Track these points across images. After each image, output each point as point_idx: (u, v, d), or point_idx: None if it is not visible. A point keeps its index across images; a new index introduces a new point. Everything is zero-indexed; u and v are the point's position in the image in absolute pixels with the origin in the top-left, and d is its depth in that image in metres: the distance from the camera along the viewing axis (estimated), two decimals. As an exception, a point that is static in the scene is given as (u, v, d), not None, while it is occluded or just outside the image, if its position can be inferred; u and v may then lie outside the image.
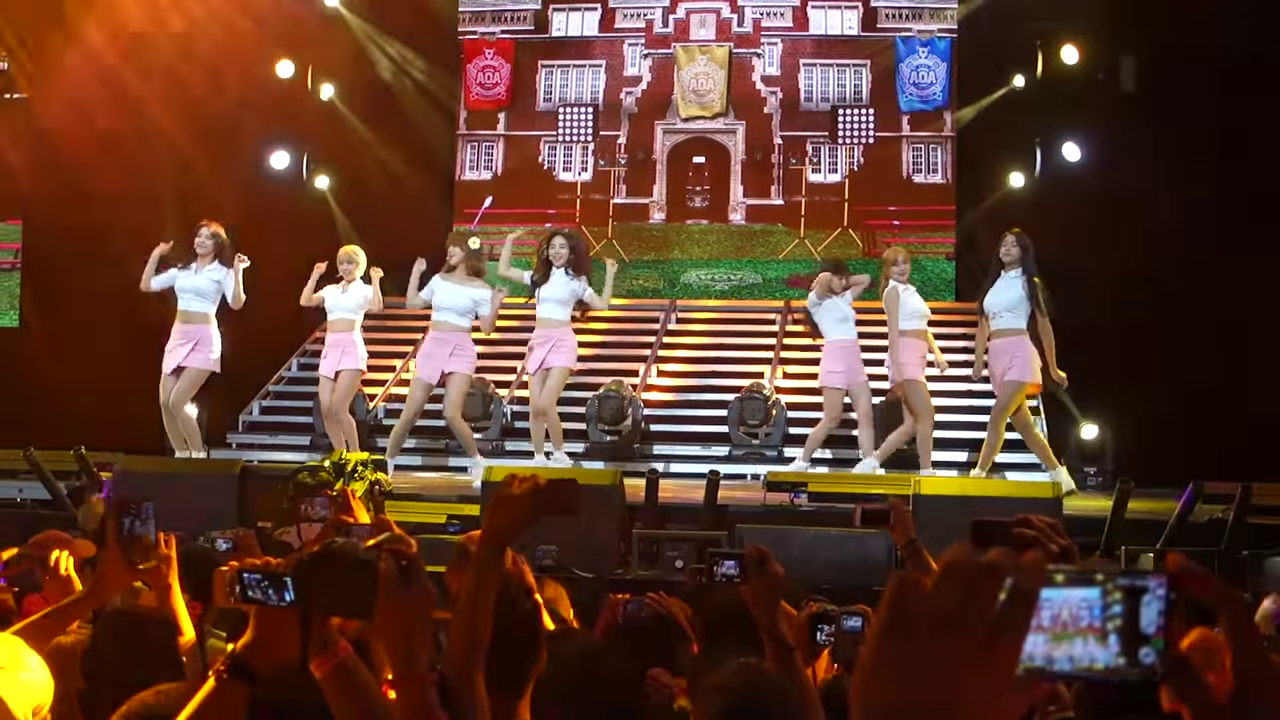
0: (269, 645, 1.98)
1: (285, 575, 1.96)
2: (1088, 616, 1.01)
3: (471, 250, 10.40)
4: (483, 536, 2.63)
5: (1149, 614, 1.01)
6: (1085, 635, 1.01)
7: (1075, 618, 1.01)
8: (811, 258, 16.73)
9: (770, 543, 6.99)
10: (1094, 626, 1.01)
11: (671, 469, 11.20)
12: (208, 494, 8.07)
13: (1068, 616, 1.01)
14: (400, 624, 1.96)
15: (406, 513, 8.25)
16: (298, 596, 1.94)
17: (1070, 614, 1.01)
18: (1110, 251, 13.21)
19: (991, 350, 9.79)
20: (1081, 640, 1.01)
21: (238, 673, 1.95)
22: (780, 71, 17.08)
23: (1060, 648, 1.01)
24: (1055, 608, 1.01)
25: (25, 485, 9.19)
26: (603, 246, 17.04)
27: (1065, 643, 1.01)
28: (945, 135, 16.66)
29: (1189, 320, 12.95)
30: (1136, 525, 7.74)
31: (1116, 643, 1.01)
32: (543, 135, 17.28)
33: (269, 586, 1.96)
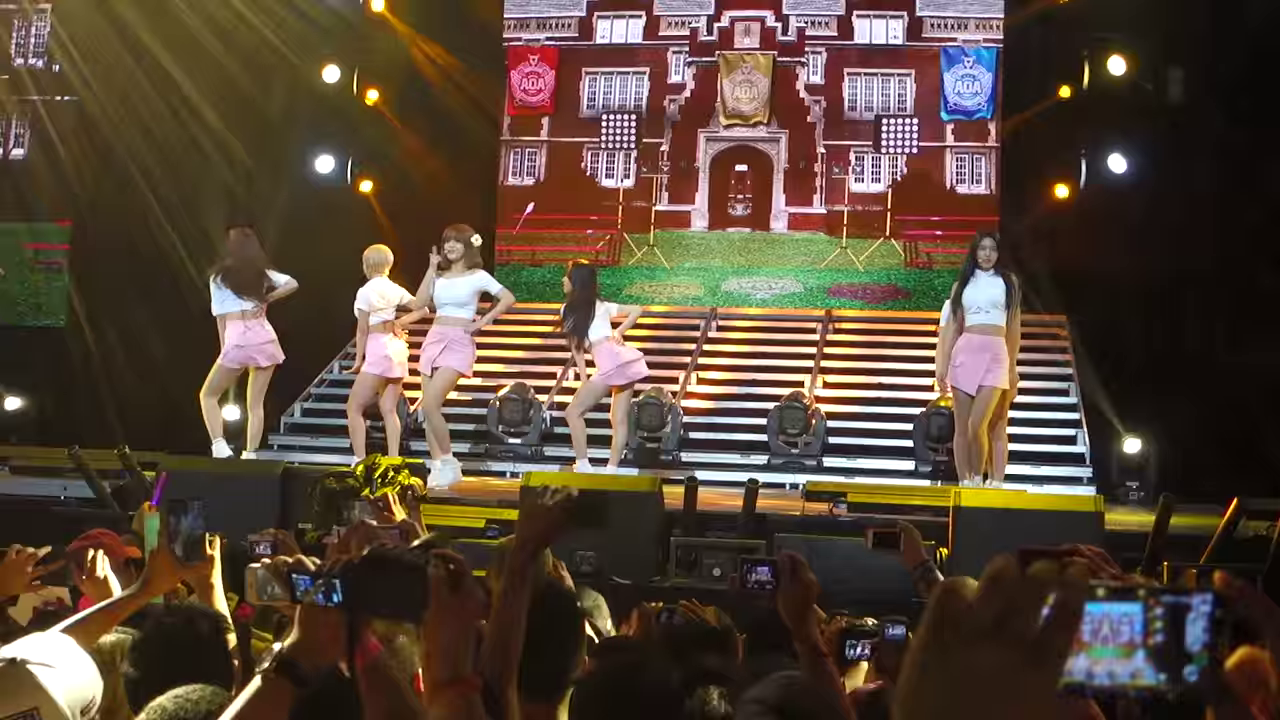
0: (315, 645, 2.00)
1: (335, 577, 1.98)
2: (1128, 632, 1.00)
3: (474, 246, 10.34)
4: (514, 546, 2.66)
5: (1194, 631, 1.01)
6: (1126, 650, 1.00)
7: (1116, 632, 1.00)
8: (853, 267, 16.70)
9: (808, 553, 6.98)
10: (1134, 642, 1.00)
11: (710, 477, 11.17)
12: (250, 495, 8.13)
13: (1108, 631, 1.00)
14: (447, 628, 1.98)
15: (444, 516, 8.28)
16: (345, 598, 1.97)
17: (1111, 628, 1.00)
18: (1155, 264, 13.12)
19: (967, 345, 9.44)
20: (1122, 656, 1.00)
21: (285, 672, 1.97)
22: (824, 80, 17.05)
23: (1100, 663, 1.00)
24: (1095, 622, 1.00)
25: (70, 483, 9.28)
26: (643, 253, 17.07)
27: (1105, 658, 1.00)
28: (989, 146, 16.58)
29: (1235, 333, 12.84)
30: (1179, 541, 7.66)
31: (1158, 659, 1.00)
32: (585, 142, 17.32)
33: (319, 588, 1.99)
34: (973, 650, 0.97)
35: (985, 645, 0.97)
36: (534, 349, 15.26)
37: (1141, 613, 1.01)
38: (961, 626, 0.98)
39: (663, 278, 17.02)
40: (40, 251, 16.13)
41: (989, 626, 0.97)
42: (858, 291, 16.65)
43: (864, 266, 16.70)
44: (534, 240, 17.37)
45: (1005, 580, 0.98)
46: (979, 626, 0.97)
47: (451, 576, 1.97)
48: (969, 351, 9.34)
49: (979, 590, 0.99)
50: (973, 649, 0.97)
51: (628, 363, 10.51)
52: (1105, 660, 1.00)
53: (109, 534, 4.59)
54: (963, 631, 0.98)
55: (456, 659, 1.99)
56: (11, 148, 16.37)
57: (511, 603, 2.58)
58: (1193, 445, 9.84)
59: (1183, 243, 13.14)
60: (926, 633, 0.99)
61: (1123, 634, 1.00)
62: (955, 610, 0.99)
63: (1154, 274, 13.05)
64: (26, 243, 16.15)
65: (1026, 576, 0.98)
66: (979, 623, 0.97)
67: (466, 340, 10.13)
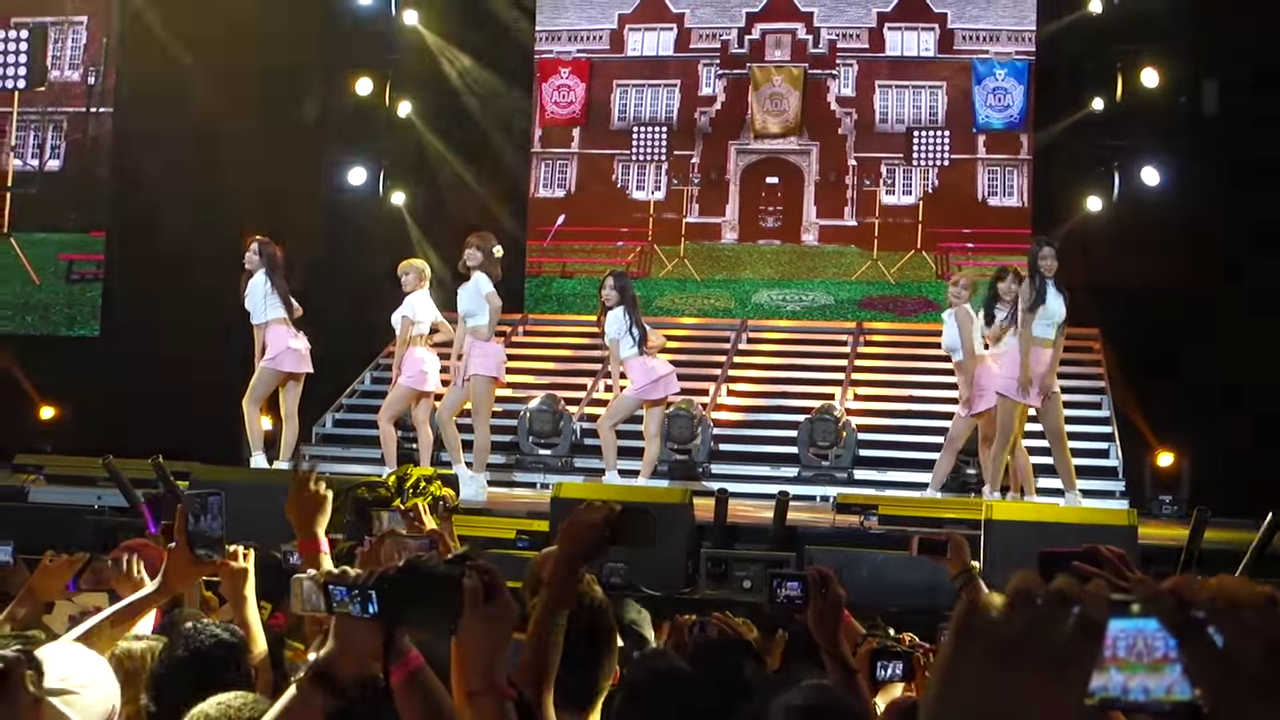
0: (350, 655, 2.01)
1: (370, 588, 1.99)
2: (1162, 647, 1.00)
3: (495, 256, 10.34)
4: (556, 560, 2.65)
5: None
6: (1160, 665, 1.00)
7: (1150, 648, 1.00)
8: (884, 279, 16.67)
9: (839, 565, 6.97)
10: (1169, 657, 1.00)
11: (741, 489, 11.15)
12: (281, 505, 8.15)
13: (1142, 647, 1.00)
14: (482, 639, 1.98)
15: (475, 527, 8.30)
16: (381, 609, 1.98)
17: (1145, 644, 1.00)
18: (1188, 276, 13.04)
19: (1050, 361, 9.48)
20: (1156, 671, 1.00)
21: (319, 682, 1.98)
22: (855, 92, 17.04)
23: (1135, 678, 1.00)
24: (1129, 638, 1.00)
25: (104, 492, 9.34)
26: (674, 265, 17.08)
27: (1140, 673, 1.00)
28: (1022, 158, 16.53)
29: (1269, 347, 12.74)
30: (1213, 556, 7.61)
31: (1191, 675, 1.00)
32: (616, 154, 17.36)
33: (355, 598, 1.99)
34: (997, 666, 0.97)
35: (1009, 661, 0.97)
36: (564, 360, 15.29)
37: None
38: (986, 642, 0.98)
39: (693, 290, 17.03)
40: (75, 262, 16.26)
41: (1013, 642, 0.97)
42: (889, 304, 16.61)
43: (895, 279, 16.67)
44: (564, 252, 17.42)
45: (1028, 595, 0.98)
46: (1003, 642, 0.97)
47: (486, 587, 1.98)
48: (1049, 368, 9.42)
49: (1003, 605, 0.99)
50: (997, 664, 0.97)
51: (661, 377, 10.56)
52: (1139, 675, 1.00)
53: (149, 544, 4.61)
54: (987, 647, 0.98)
55: (490, 669, 1.99)
56: (47, 159, 16.51)
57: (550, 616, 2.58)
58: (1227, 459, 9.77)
59: (1216, 255, 13.06)
60: (951, 648, 0.99)
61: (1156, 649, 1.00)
62: (979, 625, 0.99)
63: (1187, 287, 12.97)
64: (62, 253, 16.28)
65: (1049, 591, 0.98)
66: (1003, 638, 0.97)
67: (483, 346, 10.16)
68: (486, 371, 10.16)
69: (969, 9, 16.75)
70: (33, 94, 16.18)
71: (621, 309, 10.54)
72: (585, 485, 10.28)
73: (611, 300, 10.58)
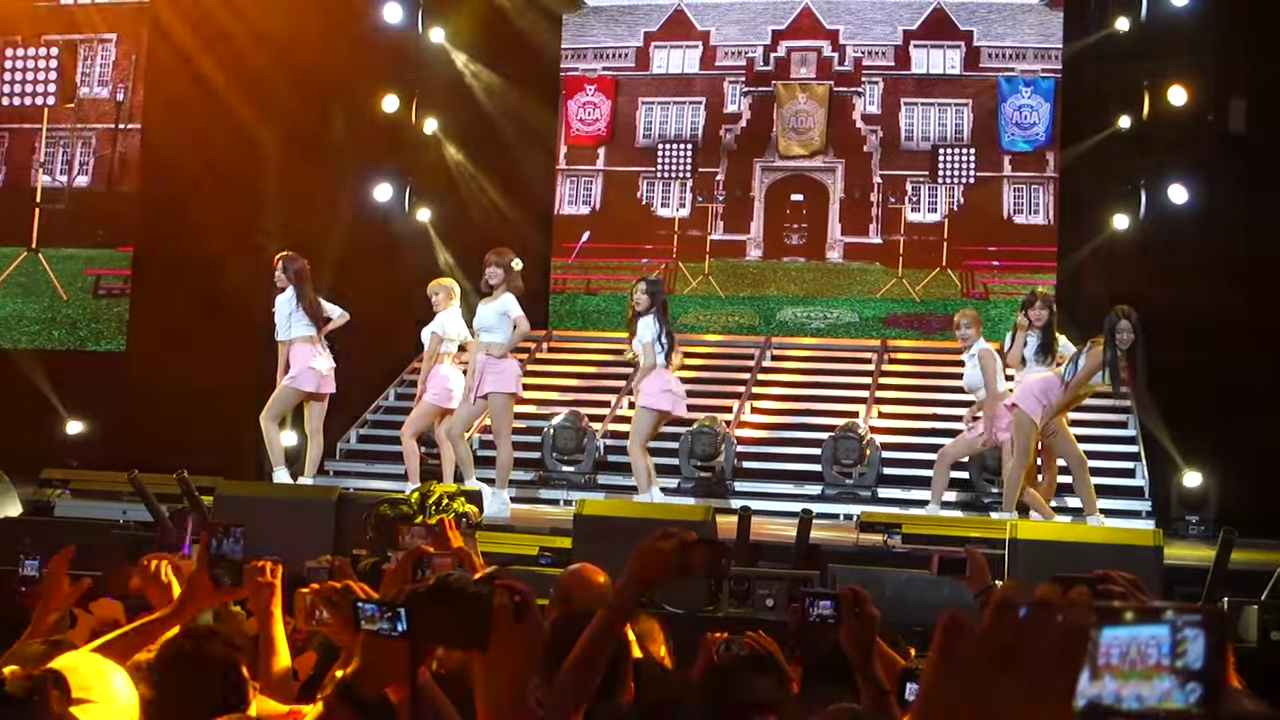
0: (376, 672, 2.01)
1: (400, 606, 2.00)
2: (1156, 654, 1.00)
3: (515, 270, 10.36)
4: (622, 583, 2.63)
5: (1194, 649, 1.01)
6: (1153, 673, 1.00)
7: (1143, 656, 1.00)
8: (909, 297, 16.64)
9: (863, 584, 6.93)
10: (1162, 665, 1.00)
11: (764, 507, 11.13)
12: (305, 521, 8.18)
13: (1135, 655, 1.00)
14: (511, 657, 1.98)
15: (498, 544, 8.29)
16: (410, 628, 1.99)
17: (1138, 652, 1.00)
18: (1215, 296, 12.96)
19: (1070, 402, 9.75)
20: (1149, 679, 1.00)
21: (346, 698, 1.98)
22: (881, 110, 17.03)
23: (1129, 686, 1.00)
24: (1123, 645, 1.00)
25: (129, 507, 9.37)
26: (698, 283, 17.09)
27: (1133, 681, 1.00)
28: (1048, 176, 16.49)
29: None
30: (1240, 576, 7.55)
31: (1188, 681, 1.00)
32: (641, 171, 17.38)
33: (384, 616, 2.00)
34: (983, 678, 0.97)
35: (995, 673, 0.97)
36: (588, 377, 15.30)
37: (1169, 635, 1.00)
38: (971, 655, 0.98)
39: (717, 307, 17.03)
40: (102, 277, 16.37)
41: (998, 654, 0.97)
42: (913, 322, 16.57)
43: (920, 297, 16.63)
44: (589, 269, 17.44)
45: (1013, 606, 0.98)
46: (988, 654, 0.97)
47: (516, 606, 1.98)
48: None
49: (987, 618, 0.99)
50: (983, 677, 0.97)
51: (676, 395, 10.38)
52: (1133, 683, 1.00)
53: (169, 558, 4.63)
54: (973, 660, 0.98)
55: (522, 690, 1.99)
56: (76, 175, 16.63)
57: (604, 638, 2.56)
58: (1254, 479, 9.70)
59: (1243, 274, 12.99)
60: (937, 662, 0.99)
61: (1150, 657, 1.00)
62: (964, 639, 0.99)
63: (1214, 305, 12.89)
64: (89, 268, 16.39)
65: (1033, 601, 0.98)
66: (988, 651, 0.98)
67: (497, 363, 10.16)
68: (504, 389, 10.16)
69: (995, 27, 16.73)
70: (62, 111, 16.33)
71: (652, 316, 10.31)
72: (609, 502, 10.27)
73: (642, 305, 10.33)
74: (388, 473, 12.56)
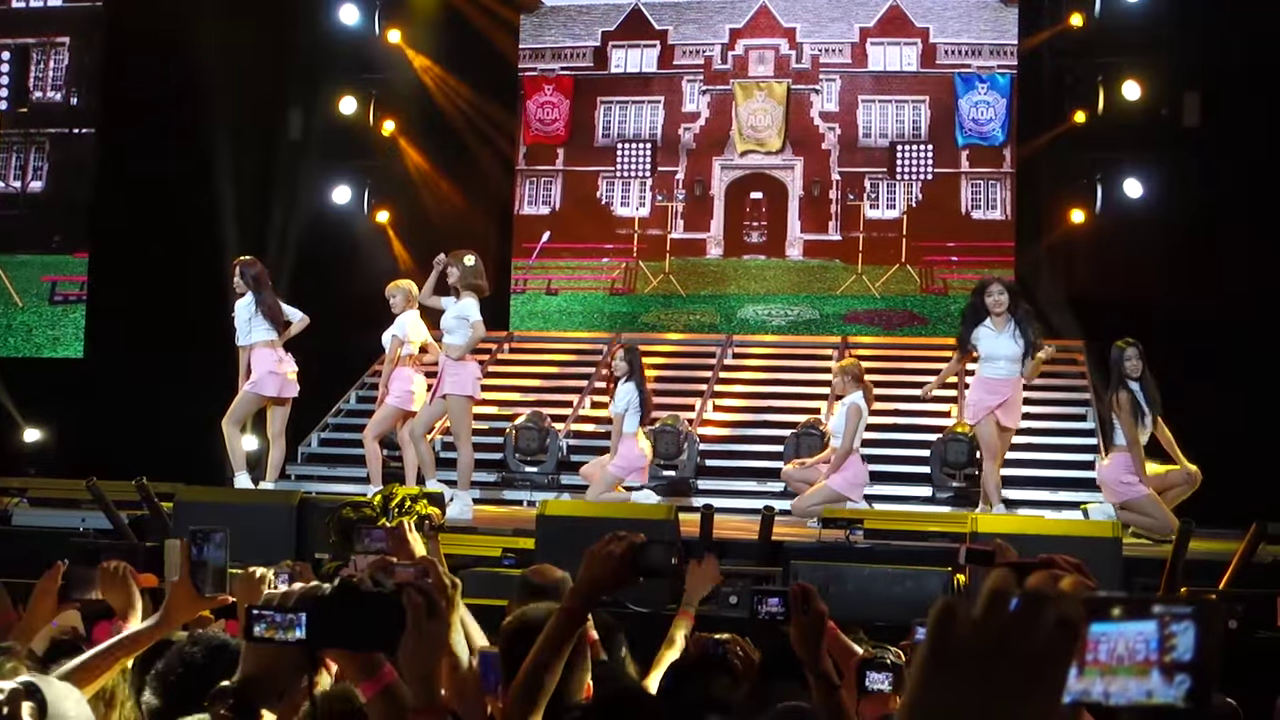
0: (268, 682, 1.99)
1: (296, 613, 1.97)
2: (1144, 650, 1.00)
3: (467, 266, 10.34)
4: (575, 588, 2.64)
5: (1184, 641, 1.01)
6: (1142, 669, 1.00)
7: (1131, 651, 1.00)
8: (869, 294, 16.70)
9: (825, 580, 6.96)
10: (1150, 660, 1.00)
11: (726, 504, 11.15)
12: (267, 526, 8.13)
13: (1123, 650, 1.00)
14: (424, 656, 1.99)
15: (461, 546, 8.27)
16: (309, 634, 1.95)
17: (1126, 648, 1.00)
18: (1171, 288, 13.08)
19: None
20: (1137, 674, 1.00)
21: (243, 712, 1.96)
22: (839, 108, 17.08)
23: (1117, 682, 1.00)
24: (1111, 641, 1.00)
25: (88, 515, 9.30)
26: (659, 281, 17.10)
27: (1122, 676, 1.00)
28: (1005, 171, 16.58)
29: (1252, 356, 12.79)
30: (1198, 567, 7.62)
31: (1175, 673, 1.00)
32: (601, 171, 17.37)
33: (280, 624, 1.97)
34: (974, 667, 0.97)
35: (987, 663, 0.96)
36: (550, 377, 15.28)
37: (1157, 630, 1.00)
38: (963, 643, 0.98)
39: (678, 305, 17.04)
40: (58, 283, 16.23)
41: (990, 645, 0.97)
42: (873, 318, 16.64)
43: (880, 293, 16.70)
44: (550, 269, 17.42)
45: (1005, 596, 0.98)
46: (980, 645, 0.97)
47: (429, 604, 1.98)
48: None
49: (979, 608, 0.99)
50: (974, 665, 0.97)
51: (642, 467, 10.96)
52: (1121, 679, 1.00)
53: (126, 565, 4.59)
54: (965, 648, 0.98)
55: (432, 686, 2.00)
56: (30, 180, 16.48)
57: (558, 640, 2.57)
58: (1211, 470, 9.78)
59: (1199, 267, 13.11)
60: (928, 652, 0.99)
61: (1138, 652, 1.00)
62: (956, 627, 0.99)
63: (1170, 298, 13.01)
64: (45, 275, 16.25)
65: (1026, 592, 0.98)
66: (980, 641, 0.97)
67: (456, 365, 10.15)
68: (462, 391, 10.16)
69: (951, 24, 16.81)
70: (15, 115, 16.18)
71: (632, 383, 10.80)
72: (572, 503, 10.27)
73: (620, 372, 10.90)
74: (349, 476, 12.50)
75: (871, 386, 11.00)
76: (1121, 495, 9.47)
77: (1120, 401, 9.56)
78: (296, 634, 1.95)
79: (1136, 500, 9.37)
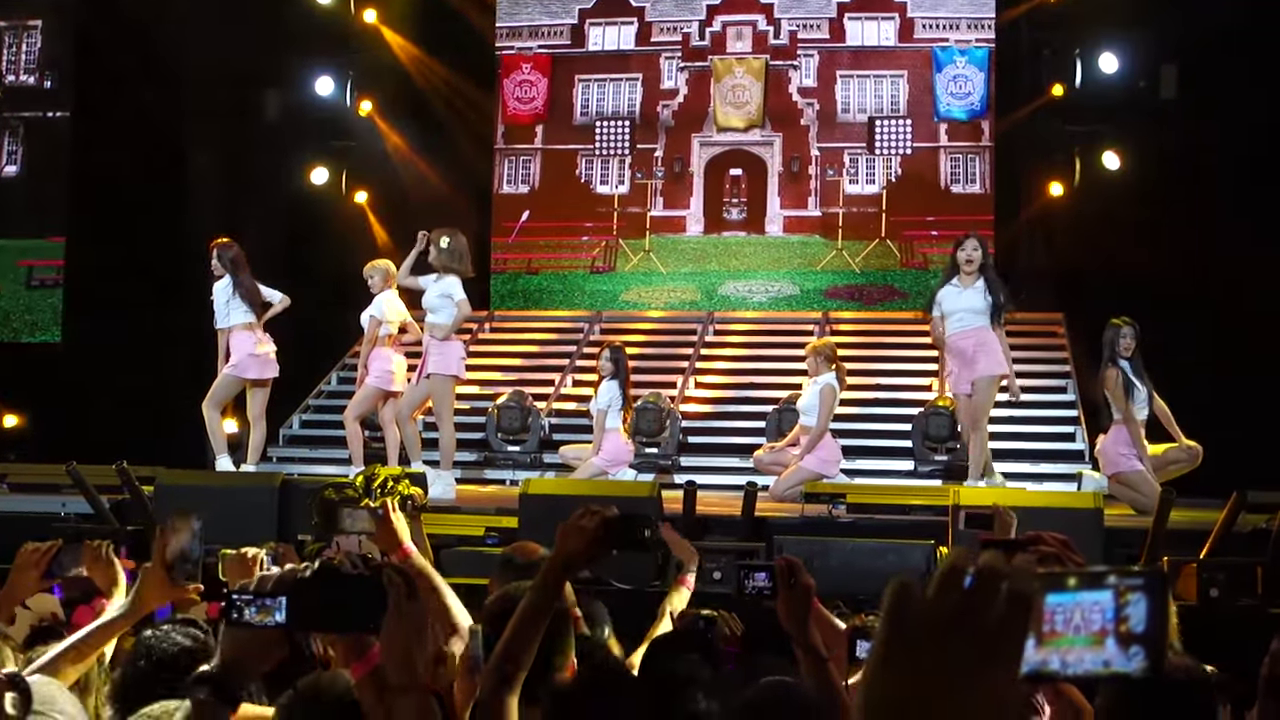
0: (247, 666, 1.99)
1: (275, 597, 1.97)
2: (1100, 620, 1.01)
3: (442, 248, 10.31)
4: (550, 562, 2.63)
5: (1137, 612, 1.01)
6: (1098, 639, 1.01)
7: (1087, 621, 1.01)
8: (849, 269, 16.71)
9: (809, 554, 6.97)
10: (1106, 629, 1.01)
11: (709, 481, 11.17)
12: (248, 507, 8.11)
13: (1080, 620, 1.01)
14: (404, 636, 1.99)
15: (444, 525, 8.26)
16: (289, 617, 1.95)
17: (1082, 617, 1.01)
18: (1150, 260, 13.11)
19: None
20: (1094, 644, 1.01)
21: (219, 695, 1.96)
22: (817, 83, 17.07)
23: (1073, 652, 1.01)
24: (1067, 611, 1.01)
25: (69, 500, 9.25)
26: (639, 259, 17.08)
27: (1078, 647, 1.01)
28: (983, 145, 16.60)
29: (1233, 327, 12.83)
30: (1179, 536, 7.65)
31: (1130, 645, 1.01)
32: (579, 149, 17.33)
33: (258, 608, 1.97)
34: (931, 644, 0.97)
35: (943, 639, 0.97)
36: (531, 356, 15.27)
37: (1113, 600, 1.01)
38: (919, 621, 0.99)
39: (659, 283, 17.03)
40: (35, 268, 16.14)
41: (946, 620, 0.98)
42: (854, 293, 16.66)
43: (860, 268, 16.71)
44: (529, 248, 17.39)
45: (959, 573, 0.99)
46: (936, 620, 0.98)
47: (408, 585, 1.99)
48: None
49: (934, 584, 0.99)
50: (930, 642, 0.97)
51: (622, 461, 11.07)
52: (1077, 649, 1.01)
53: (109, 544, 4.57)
54: (920, 626, 0.98)
55: (413, 665, 2.01)
56: (4, 164, 16.37)
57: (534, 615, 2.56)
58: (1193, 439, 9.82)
59: (1177, 239, 13.14)
60: (885, 628, 1.00)
61: (1094, 622, 1.01)
62: (912, 605, 0.99)
63: (1149, 270, 13.04)
64: (21, 259, 16.15)
65: (978, 569, 0.99)
66: (936, 617, 0.98)
67: (440, 345, 10.14)
68: (446, 370, 10.15)
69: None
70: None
71: (616, 382, 11.00)
72: (555, 481, 10.27)
73: (606, 371, 11.07)
74: (331, 457, 12.48)
75: (844, 367, 11.00)
76: (1117, 466, 9.48)
77: (1109, 378, 9.56)
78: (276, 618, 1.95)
79: (1129, 474, 9.39)
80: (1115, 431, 9.60)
